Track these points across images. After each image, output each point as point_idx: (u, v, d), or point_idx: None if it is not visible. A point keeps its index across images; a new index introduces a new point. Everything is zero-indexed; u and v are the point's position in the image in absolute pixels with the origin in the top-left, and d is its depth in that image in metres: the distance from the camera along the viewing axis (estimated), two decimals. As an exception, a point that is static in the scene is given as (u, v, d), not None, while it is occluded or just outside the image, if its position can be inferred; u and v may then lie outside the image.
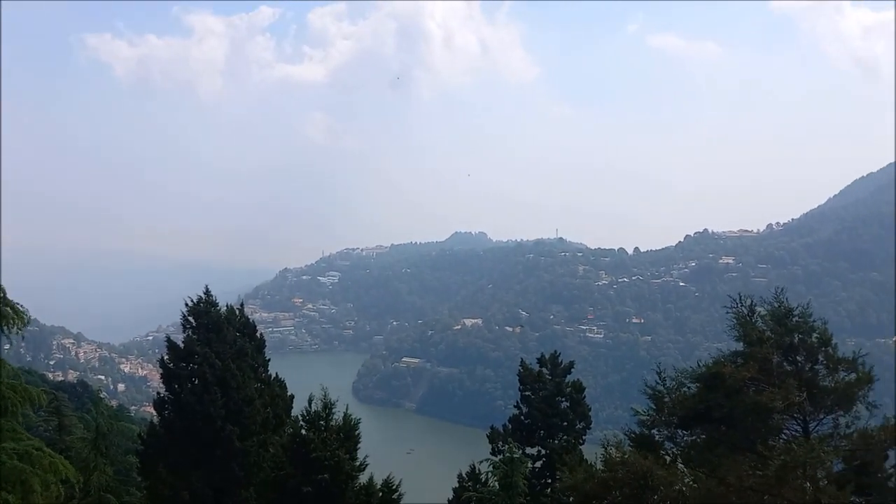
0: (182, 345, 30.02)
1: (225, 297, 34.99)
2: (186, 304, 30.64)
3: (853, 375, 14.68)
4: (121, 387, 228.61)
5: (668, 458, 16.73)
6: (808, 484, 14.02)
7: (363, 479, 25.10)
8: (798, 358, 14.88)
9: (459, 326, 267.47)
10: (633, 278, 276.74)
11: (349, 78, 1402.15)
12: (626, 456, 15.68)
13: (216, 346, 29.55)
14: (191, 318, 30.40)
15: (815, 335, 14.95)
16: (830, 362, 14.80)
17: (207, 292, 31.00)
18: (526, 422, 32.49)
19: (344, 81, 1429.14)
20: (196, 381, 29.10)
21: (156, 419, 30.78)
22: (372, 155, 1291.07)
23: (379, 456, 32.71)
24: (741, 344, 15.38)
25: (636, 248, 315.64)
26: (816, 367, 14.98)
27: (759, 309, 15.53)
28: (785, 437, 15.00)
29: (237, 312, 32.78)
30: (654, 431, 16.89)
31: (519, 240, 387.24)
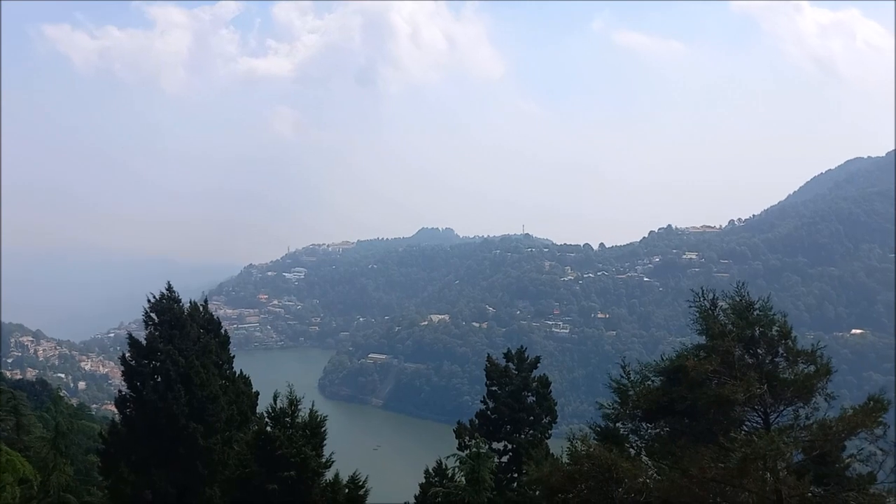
0: (144, 342, 29.59)
1: (188, 294, 34.58)
2: (149, 301, 30.21)
3: (812, 367, 14.97)
4: (81, 385, 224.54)
5: (632, 451, 16.92)
6: (769, 475, 14.29)
7: (329, 475, 24.95)
8: (759, 351, 15.13)
9: (426, 322, 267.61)
10: (599, 274, 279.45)
11: (315, 72, 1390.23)
12: (592, 449, 15.81)
13: (179, 343, 29.19)
14: (153, 315, 30.01)
15: (775, 328, 15.21)
16: (790, 355, 15.08)
17: (170, 288, 30.62)
18: (492, 416, 32.60)
19: (310, 76, 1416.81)
20: (159, 379, 28.73)
21: (117, 417, 30.32)
22: (339, 150, 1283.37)
23: (345, 452, 32.65)
24: (704, 337, 15.60)
25: (601, 244, 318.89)
26: (777, 359, 15.25)
27: (721, 303, 15.76)
28: (746, 429, 15.25)
29: (201, 309, 32.41)
30: (619, 425, 17.06)
31: (486, 236, 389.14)
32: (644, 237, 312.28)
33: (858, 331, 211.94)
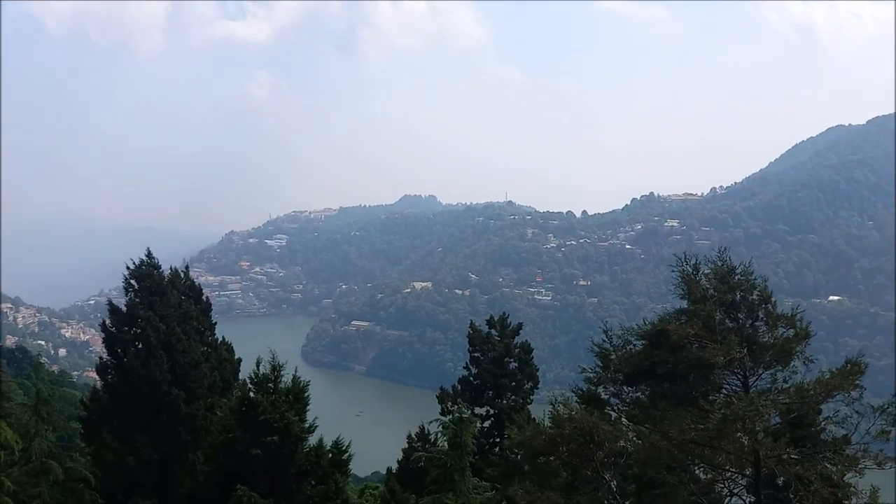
0: (125, 309, 29.38)
1: (169, 261, 34.39)
2: (128, 268, 29.93)
3: (791, 331, 15.12)
4: (62, 352, 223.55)
5: (613, 414, 17.09)
6: (747, 437, 14.48)
7: (313, 440, 25.11)
8: (739, 315, 15.24)
9: (409, 290, 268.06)
10: (581, 241, 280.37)
11: (294, 37, 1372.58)
12: (573, 412, 15.96)
13: (160, 310, 29.02)
14: (133, 282, 29.75)
15: (756, 293, 15.31)
16: (770, 319, 15.20)
17: (149, 255, 30.33)
18: (475, 382, 32.82)
19: (289, 40, 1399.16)
20: (140, 346, 28.58)
21: (99, 384, 30.20)
22: (319, 116, 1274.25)
23: (328, 418, 32.81)
24: (685, 302, 15.69)
25: (584, 212, 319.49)
26: (757, 323, 15.37)
27: (703, 268, 15.83)
28: (726, 392, 15.43)
29: (181, 276, 32.25)
30: (601, 389, 17.20)
31: (468, 203, 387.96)
32: (626, 204, 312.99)
33: (836, 297, 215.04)
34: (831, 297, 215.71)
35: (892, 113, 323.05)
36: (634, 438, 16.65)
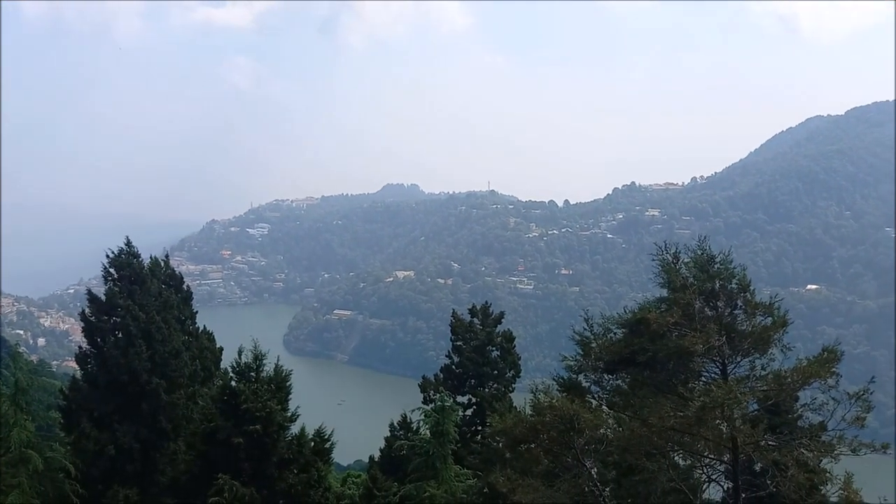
0: (104, 297, 29.17)
1: (150, 250, 34.10)
2: (108, 256, 29.71)
3: (769, 319, 15.29)
4: (41, 341, 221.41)
5: (594, 402, 17.23)
6: (725, 424, 14.66)
7: (295, 429, 25.10)
8: (719, 303, 15.39)
9: (391, 278, 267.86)
10: (563, 230, 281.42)
11: (276, 22, 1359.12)
12: (554, 400, 16.07)
13: (140, 299, 28.84)
14: (112, 271, 29.54)
15: (734, 281, 15.47)
16: (749, 307, 15.37)
17: (129, 243, 30.10)
18: (457, 371, 32.94)
19: (270, 25, 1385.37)
20: (119, 335, 28.43)
21: (78, 374, 30.00)
22: (301, 103, 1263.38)
23: (311, 407, 32.82)
24: (666, 290, 15.82)
25: (566, 201, 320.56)
26: (736, 311, 15.54)
27: (682, 257, 15.96)
28: (705, 380, 15.60)
29: (162, 264, 32.04)
30: (581, 376, 17.34)
31: (451, 192, 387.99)
32: (608, 194, 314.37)
33: (814, 286, 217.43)
34: (809, 286, 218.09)
35: (871, 103, 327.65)
36: (615, 426, 16.82)
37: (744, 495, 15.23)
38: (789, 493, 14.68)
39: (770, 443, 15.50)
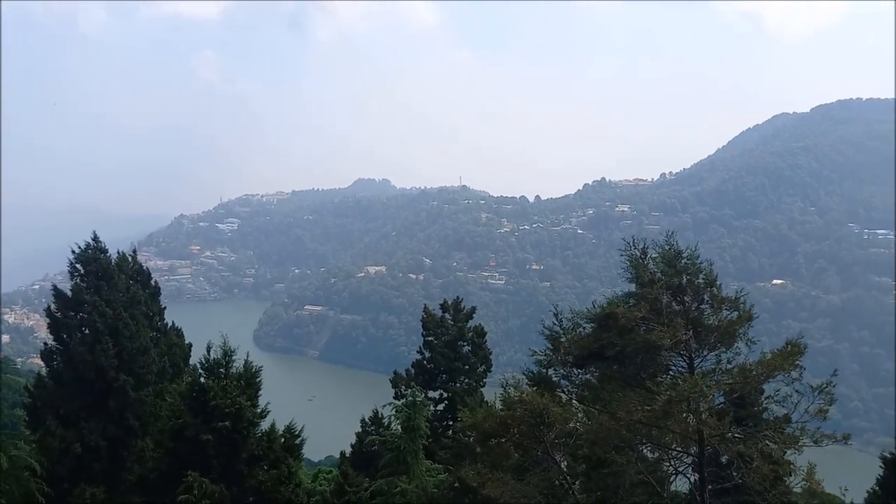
0: (70, 293, 28.79)
1: (117, 244, 33.65)
2: (74, 252, 29.30)
3: (735, 314, 15.53)
4: (5, 338, 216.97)
5: (563, 396, 17.38)
6: (692, 416, 14.88)
7: (265, 425, 24.95)
8: (686, 298, 15.58)
9: (363, 274, 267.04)
10: (534, 226, 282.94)
11: (243, 16, 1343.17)
12: (524, 395, 16.19)
13: (107, 295, 28.51)
14: (79, 266, 29.18)
15: (701, 276, 15.67)
16: (715, 302, 15.59)
17: (96, 238, 29.72)
18: (429, 366, 33.03)
19: (238, 20, 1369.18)
20: (86, 331, 28.09)
21: (44, 370, 29.58)
22: (270, 98, 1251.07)
23: (281, 403, 32.62)
24: (634, 285, 15.99)
25: (537, 196, 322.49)
26: (702, 306, 15.74)
27: (650, 252, 16.14)
28: (672, 374, 15.79)
29: (129, 259, 31.75)
30: (551, 371, 17.46)
31: (423, 187, 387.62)
32: (579, 190, 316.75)
33: (779, 281, 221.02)
34: (775, 281, 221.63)
35: (835, 101, 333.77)
36: (584, 419, 16.98)
37: (710, 487, 15.46)
38: (754, 485, 14.91)
39: (736, 435, 15.76)
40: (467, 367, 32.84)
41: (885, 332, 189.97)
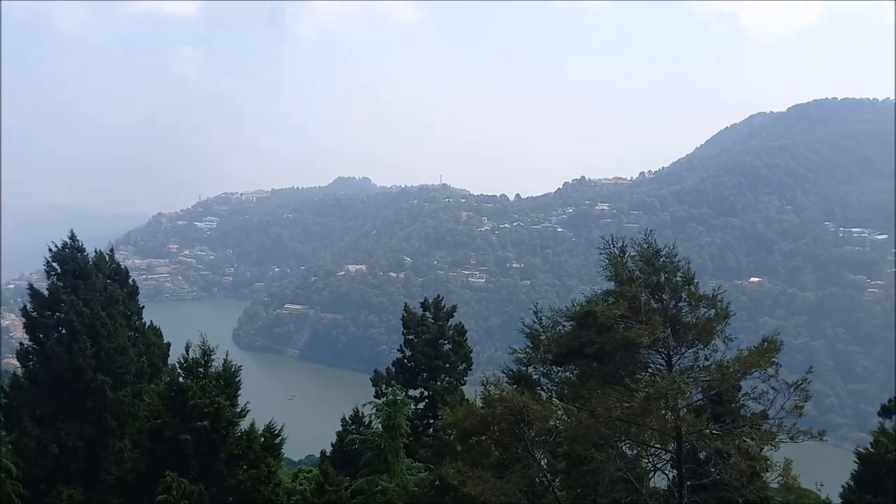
0: (46, 292, 28.49)
1: (94, 243, 33.34)
2: (50, 250, 29.00)
3: (712, 311, 15.70)
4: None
5: (543, 394, 17.47)
6: (670, 413, 15.03)
7: (244, 425, 24.85)
8: (664, 296, 15.73)
9: (343, 272, 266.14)
10: (514, 224, 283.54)
11: (223, 13, 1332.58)
12: (504, 393, 16.26)
13: (84, 294, 28.23)
14: (55, 265, 28.88)
15: (679, 274, 15.82)
16: (693, 299, 15.75)
17: (73, 237, 29.41)
18: (409, 364, 33.07)
19: (217, 16, 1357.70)
20: (63, 331, 27.81)
21: (20, 371, 29.23)
22: (250, 94, 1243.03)
23: (261, 403, 32.50)
24: (613, 283, 16.11)
25: (517, 195, 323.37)
26: (680, 304, 15.90)
27: (629, 250, 16.27)
28: (650, 371, 15.93)
29: (107, 258, 31.48)
30: (531, 369, 17.55)
31: (403, 185, 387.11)
32: (559, 188, 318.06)
33: (756, 279, 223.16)
34: (752, 279, 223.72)
35: (811, 101, 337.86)
36: (564, 417, 17.08)
37: (688, 483, 15.62)
38: (731, 481, 15.08)
39: (713, 431, 15.93)
40: (448, 365, 32.91)
41: (861, 329, 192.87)
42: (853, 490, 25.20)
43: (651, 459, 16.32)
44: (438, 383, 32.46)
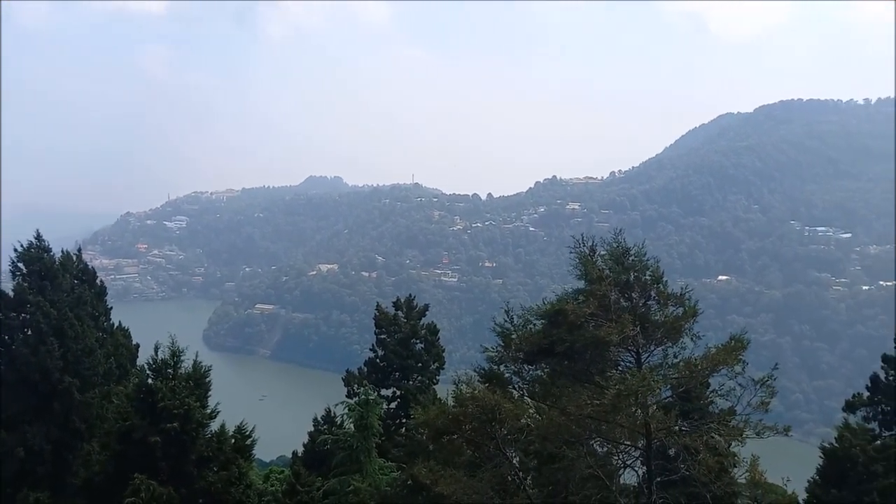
0: (12, 293, 28.05)
1: (61, 243, 32.94)
2: (15, 250, 28.56)
3: (681, 310, 15.92)
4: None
5: (515, 393, 17.57)
6: (640, 411, 15.21)
7: (215, 426, 24.65)
8: (633, 294, 15.92)
9: (315, 272, 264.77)
10: (486, 223, 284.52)
11: (191, 10, 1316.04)
12: (476, 391, 16.32)
13: (50, 295, 27.85)
14: (21, 265, 28.43)
15: (648, 273, 16.02)
16: (661, 298, 15.96)
17: (39, 237, 28.99)
18: (381, 364, 33.03)
19: (184, 13, 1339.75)
20: (29, 332, 27.41)
21: (-16, 373, 28.72)
22: (220, 93, 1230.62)
23: (232, 403, 32.27)
24: (583, 282, 16.27)
25: (489, 194, 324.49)
26: (649, 302, 16.10)
27: (599, 249, 16.44)
28: (620, 369, 16.11)
29: (74, 258, 31.02)
30: (503, 367, 17.64)
31: (375, 185, 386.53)
32: (530, 188, 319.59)
33: (724, 277, 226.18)
34: (720, 277, 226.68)
35: (777, 102, 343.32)
36: (535, 415, 17.20)
37: (658, 479, 15.81)
38: (700, 476, 15.31)
39: (682, 428, 16.16)
40: (420, 364, 32.94)
41: (825, 326, 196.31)
42: (819, 484, 25.69)
43: (621, 456, 16.50)
44: (411, 383, 32.47)
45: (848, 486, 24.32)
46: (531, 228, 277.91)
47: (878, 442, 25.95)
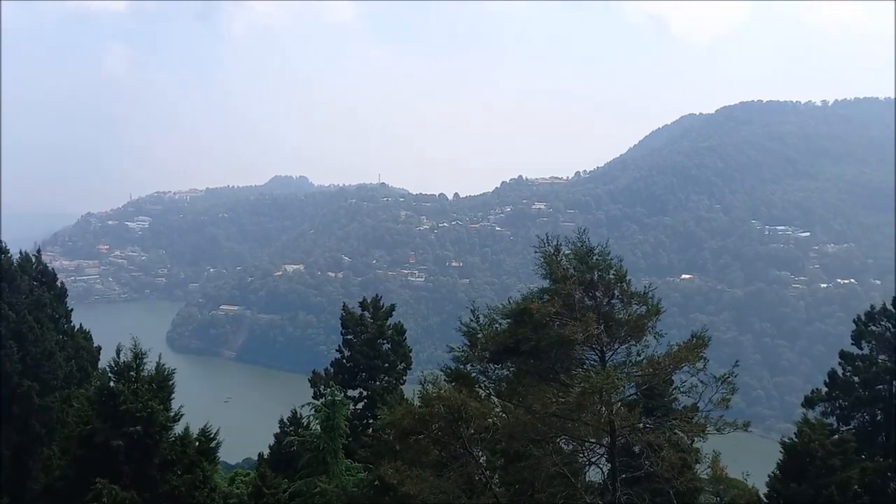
0: (-33, 296, 27.39)
1: (19, 244, 32.39)
2: (-29, 252, 27.92)
3: (644, 308, 16.16)
4: None
5: (481, 392, 17.67)
6: (604, 408, 15.40)
7: (178, 429, 24.36)
8: (597, 293, 16.12)
9: (280, 272, 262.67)
10: (453, 223, 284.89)
11: (153, 7, 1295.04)
12: (442, 391, 16.38)
13: (9, 297, 27.35)
14: (-23, 267, 27.76)
15: (612, 272, 16.24)
16: (625, 296, 16.19)
17: (-4, 238, 28.38)
18: (348, 365, 32.95)
19: (147, 11, 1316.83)
20: (-14, 336, 26.78)
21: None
22: (183, 92, 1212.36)
23: (196, 406, 31.97)
24: (548, 281, 16.41)
25: (456, 194, 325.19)
26: (613, 301, 16.33)
27: (563, 249, 16.60)
28: (585, 367, 16.29)
29: (33, 260, 30.49)
30: (469, 367, 17.73)
31: (341, 185, 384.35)
32: (496, 187, 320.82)
33: (687, 276, 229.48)
34: (683, 276, 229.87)
35: (738, 103, 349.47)
36: (501, 414, 17.31)
37: (622, 476, 16.02)
38: (663, 472, 15.55)
39: (646, 425, 16.40)
40: (387, 364, 32.92)
41: (786, 323, 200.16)
42: (779, 479, 26.21)
43: (587, 454, 16.69)
44: (377, 383, 32.44)
45: (807, 480, 24.84)
46: (497, 228, 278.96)
47: (836, 437, 26.58)
